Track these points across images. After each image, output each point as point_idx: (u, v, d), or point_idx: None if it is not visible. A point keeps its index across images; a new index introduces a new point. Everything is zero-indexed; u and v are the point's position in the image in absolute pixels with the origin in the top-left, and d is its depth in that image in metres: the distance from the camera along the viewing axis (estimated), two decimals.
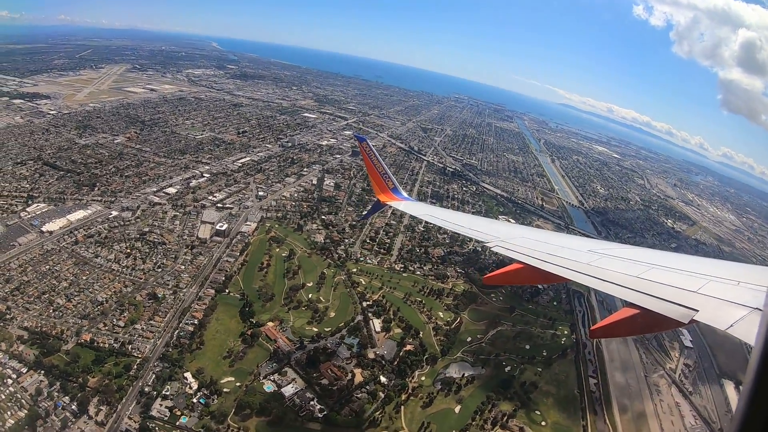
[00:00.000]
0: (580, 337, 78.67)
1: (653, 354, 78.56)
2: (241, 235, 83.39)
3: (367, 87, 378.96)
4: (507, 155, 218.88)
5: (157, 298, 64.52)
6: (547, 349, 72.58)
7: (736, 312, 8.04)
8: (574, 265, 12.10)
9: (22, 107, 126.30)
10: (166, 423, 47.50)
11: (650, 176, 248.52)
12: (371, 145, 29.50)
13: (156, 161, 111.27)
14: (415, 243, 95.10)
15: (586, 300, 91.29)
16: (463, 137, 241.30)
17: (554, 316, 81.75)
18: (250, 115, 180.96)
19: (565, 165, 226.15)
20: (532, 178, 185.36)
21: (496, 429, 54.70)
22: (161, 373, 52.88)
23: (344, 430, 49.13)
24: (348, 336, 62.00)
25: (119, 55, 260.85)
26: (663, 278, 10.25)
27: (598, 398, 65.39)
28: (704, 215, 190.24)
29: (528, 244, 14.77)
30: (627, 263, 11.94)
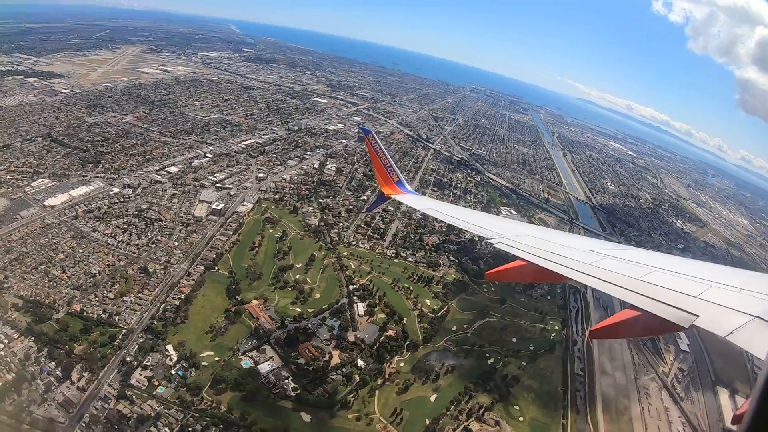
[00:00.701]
0: (571, 333, 76.72)
1: (646, 356, 76.15)
2: (237, 215, 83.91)
3: (383, 74, 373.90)
4: (518, 147, 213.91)
5: (148, 272, 65.67)
6: (534, 343, 71.00)
7: (736, 319, 8.00)
8: (576, 264, 12.20)
9: (36, 86, 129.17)
10: (144, 392, 48.56)
11: (664, 175, 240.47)
12: (377, 138, 29.41)
13: (161, 141, 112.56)
14: (410, 230, 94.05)
15: (582, 296, 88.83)
16: (474, 127, 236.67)
17: (546, 310, 79.79)
18: (260, 98, 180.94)
19: (576, 160, 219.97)
20: (541, 171, 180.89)
21: (471, 421, 53.56)
22: (144, 345, 53.99)
23: (315, 411, 49.20)
24: (330, 318, 61.98)
25: (136, 36, 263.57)
26: (664, 281, 10.17)
27: (583, 397, 63.55)
28: (716, 218, 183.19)
29: (531, 241, 14.77)
30: (629, 265, 11.90)
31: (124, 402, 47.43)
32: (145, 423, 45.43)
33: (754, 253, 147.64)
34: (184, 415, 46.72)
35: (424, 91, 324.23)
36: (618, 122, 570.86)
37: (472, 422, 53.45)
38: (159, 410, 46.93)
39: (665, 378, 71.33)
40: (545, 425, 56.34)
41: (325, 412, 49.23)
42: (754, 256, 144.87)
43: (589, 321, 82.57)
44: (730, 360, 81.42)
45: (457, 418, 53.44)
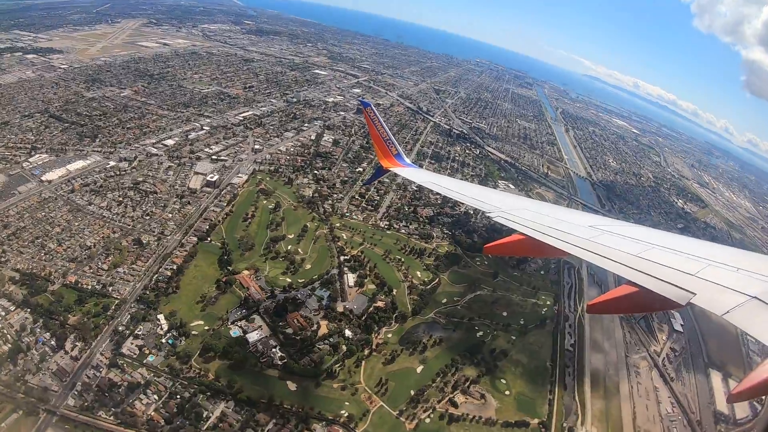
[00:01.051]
0: (563, 309, 74.85)
1: (638, 334, 74.20)
2: (231, 187, 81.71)
3: (386, 47, 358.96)
4: (519, 121, 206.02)
5: (142, 244, 64.45)
6: (525, 317, 69.34)
7: (733, 298, 7.83)
8: (574, 239, 11.95)
9: (35, 62, 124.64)
10: (134, 361, 48.20)
11: (668, 154, 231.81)
12: (375, 111, 28.23)
13: (159, 114, 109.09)
14: (405, 202, 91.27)
15: (576, 272, 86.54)
16: (476, 101, 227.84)
17: (539, 285, 77.86)
18: (260, 71, 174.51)
19: (579, 135, 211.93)
20: (542, 146, 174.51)
21: (456, 393, 52.58)
22: (136, 314, 53.33)
23: (301, 379, 48.56)
24: (320, 288, 60.63)
25: (137, 10, 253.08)
26: (662, 259, 9.99)
27: (572, 373, 62.18)
28: (718, 199, 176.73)
29: (529, 216, 14.51)
30: (627, 241, 11.67)
31: (115, 370, 47.12)
32: (135, 390, 45.17)
33: (755, 236, 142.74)
34: (173, 383, 46.39)
35: (427, 64, 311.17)
36: (624, 100, 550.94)
37: (458, 394, 52.54)
38: (149, 378, 46.63)
39: (656, 357, 69.83)
40: (531, 400, 55.10)
41: (310, 381, 48.57)
42: (755, 239, 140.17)
43: (582, 297, 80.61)
44: (725, 343, 79.89)
45: (442, 390, 52.50)
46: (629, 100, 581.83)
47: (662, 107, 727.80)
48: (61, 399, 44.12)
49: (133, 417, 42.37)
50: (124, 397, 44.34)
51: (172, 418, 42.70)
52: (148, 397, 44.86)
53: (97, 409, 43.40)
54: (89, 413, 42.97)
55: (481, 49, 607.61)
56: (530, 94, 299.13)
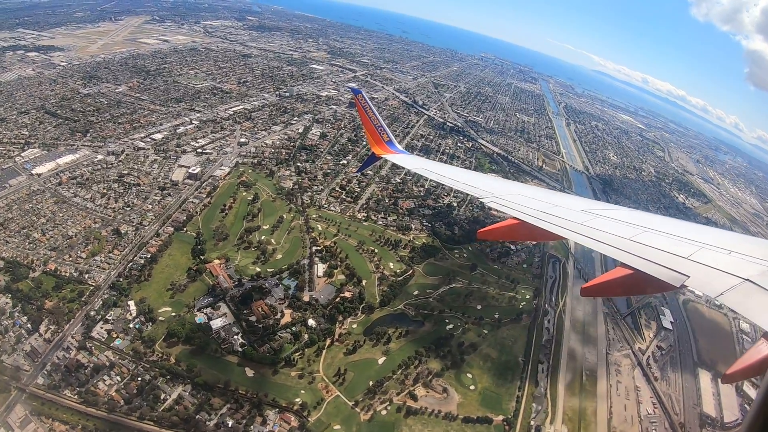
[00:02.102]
0: (543, 303, 73.83)
1: (623, 331, 72.64)
2: (213, 179, 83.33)
3: (389, 41, 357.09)
4: (519, 115, 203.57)
5: (120, 233, 66.46)
6: (500, 311, 68.56)
7: (727, 281, 7.90)
8: (567, 224, 11.99)
9: (36, 60, 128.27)
10: (102, 344, 50.19)
11: (673, 149, 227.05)
12: (367, 98, 28.41)
13: (151, 109, 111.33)
14: (386, 194, 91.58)
15: (562, 267, 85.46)
16: (476, 95, 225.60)
17: (520, 279, 77.06)
18: (256, 66, 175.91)
19: (580, 130, 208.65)
20: (539, 140, 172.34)
21: (417, 386, 52.32)
22: (108, 300, 55.35)
23: (259, 366, 49.80)
24: (288, 278, 61.66)
25: (141, 7, 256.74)
26: (655, 242, 10.07)
27: (545, 369, 60.93)
28: (722, 195, 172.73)
29: (523, 201, 14.51)
30: (620, 225, 11.69)
31: (83, 352, 49.20)
32: (100, 372, 47.12)
33: (759, 232, 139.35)
34: (136, 366, 48.21)
35: (429, 58, 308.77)
36: (632, 95, 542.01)
37: (419, 387, 52.23)
38: (114, 360, 48.56)
39: (640, 355, 67.89)
40: (497, 396, 54.32)
41: (268, 368, 49.74)
42: (758, 235, 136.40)
43: (565, 292, 79.47)
44: (718, 340, 78.87)
45: (403, 383, 52.36)
46: (638, 96, 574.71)
47: (671, 103, 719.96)
48: (32, 378, 46.38)
49: (95, 396, 44.27)
50: (89, 378, 46.34)
51: (131, 399, 44.49)
52: (111, 379, 46.77)
53: (63, 388, 45.52)
54: (55, 392, 45.13)
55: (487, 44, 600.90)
56: (534, 88, 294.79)
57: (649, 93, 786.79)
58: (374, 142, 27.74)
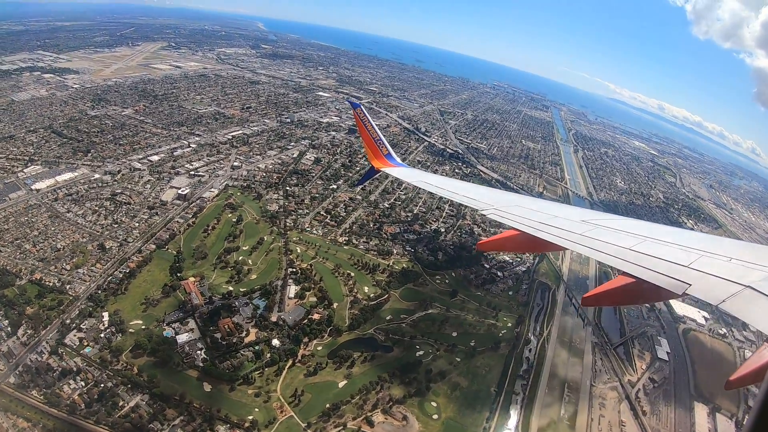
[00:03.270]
0: (526, 332, 74.34)
1: (611, 361, 71.87)
2: (201, 200, 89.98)
3: (401, 70, 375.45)
4: (524, 142, 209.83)
5: (105, 248, 72.67)
6: (477, 339, 69.31)
7: (728, 288, 8.19)
8: (568, 234, 12.44)
9: (50, 81, 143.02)
10: (73, 350, 54.96)
11: (685, 175, 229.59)
12: (365, 111, 30.18)
13: (153, 132, 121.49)
14: (372, 219, 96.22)
15: (551, 294, 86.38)
16: (482, 122, 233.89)
17: (503, 306, 78.23)
18: (263, 92, 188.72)
19: (588, 156, 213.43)
20: (543, 167, 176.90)
21: (376, 412, 53.27)
22: (84, 310, 60.60)
23: (217, 382, 53.18)
24: (258, 298, 65.80)
25: (159, 33, 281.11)
26: (656, 251, 10.49)
27: (520, 401, 60.50)
28: (734, 220, 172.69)
29: (522, 212, 15.10)
30: (620, 234, 12.16)
31: (55, 357, 53.99)
32: (67, 376, 51.64)
33: None
34: (101, 373, 52.49)
35: (439, 87, 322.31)
36: (647, 122, 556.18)
37: (377, 413, 53.02)
38: (81, 366, 53.09)
39: (629, 388, 66.50)
40: (461, 427, 54.24)
41: (226, 384, 52.99)
42: None
43: (552, 320, 79.92)
44: (719, 372, 77.05)
45: (361, 407, 53.35)
46: (653, 123, 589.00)
47: (687, 129, 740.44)
48: (4, 377, 51.15)
49: (58, 398, 48.68)
50: (55, 381, 50.89)
51: (91, 403, 48.62)
52: (76, 383, 51.17)
53: (30, 388, 50.05)
54: (23, 391, 49.72)
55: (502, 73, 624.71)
56: (544, 116, 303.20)
57: (665, 120, 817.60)
58: (373, 156, 29.38)
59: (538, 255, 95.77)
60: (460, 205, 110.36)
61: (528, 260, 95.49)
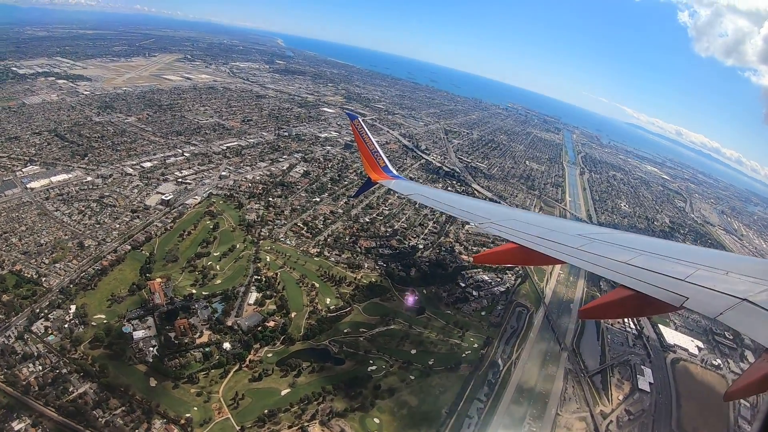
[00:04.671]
0: (493, 354, 74.78)
1: (584, 389, 71.05)
2: (183, 207, 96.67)
3: (413, 89, 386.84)
4: (528, 163, 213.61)
5: (83, 246, 79.36)
6: (437, 358, 70.22)
7: (725, 301, 8.48)
8: (564, 248, 12.99)
9: (63, 87, 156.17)
10: (38, 337, 60.69)
11: (696, 200, 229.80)
12: (363, 124, 32.28)
13: (151, 140, 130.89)
14: (349, 232, 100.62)
15: (529, 317, 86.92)
16: (488, 142, 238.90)
17: (473, 326, 79.47)
18: (267, 106, 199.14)
19: (595, 179, 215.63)
20: (544, 187, 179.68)
21: (313, 423, 55.04)
22: (54, 302, 66.66)
23: (163, 378, 57.51)
24: (218, 301, 70.58)
25: (177, 45, 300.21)
26: (653, 265, 10.90)
27: (473, 425, 60.57)
28: (744, 246, 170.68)
29: (519, 225, 15.72)
30: (616, 248, 12.62)
31: (20, 341, 59.72)
32: (28, 360, 57.19)
33: None
34: (58, 360, 57.86)
35: (450, 106, 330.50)
36: (664, 147, 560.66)
37: (315, 424, 54.66)
38: (42, 352, 58.61)
39: (600, 419, 65.24)
40: None
41: (171, 381, 57.19)
42: None
43: (524, 343, 79.88)
44: (708, 406, 76.53)
45: (299, 417, 55.30)
46: (670, 148, 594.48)
47: (705, 155, 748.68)
48: None
49: (15, 378, 54.16)
50: (17, 363, 56.37)
51: (44, 386, 53.88)
52: (35, 367, 56.58)
53: None
54: None
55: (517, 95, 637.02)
56: (554, 138, 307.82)
57: (683, 145, 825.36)
58: (370, 168, 30.62)
59: (520, 276, 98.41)
60: (445, 222, 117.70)
61: (509, 280, 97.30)
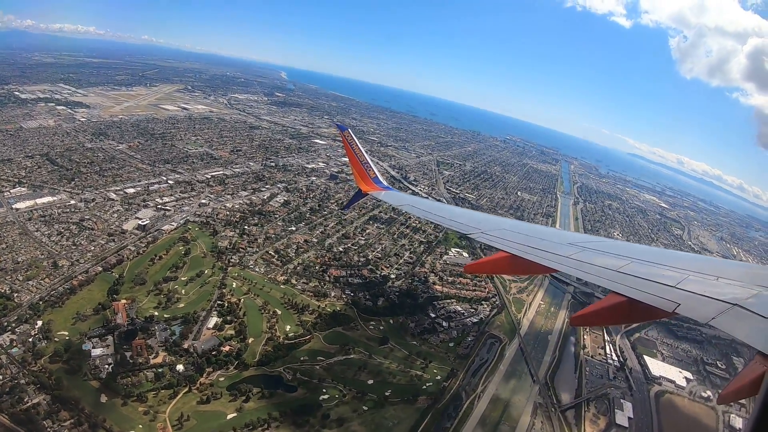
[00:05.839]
0: (456, 386, 75.85)
1: (554, 425, 71.71)
2: (159, 232, 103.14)
3: (410, 122, 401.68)
4: (521, 194, 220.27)
5: (57, 266, 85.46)
6: (395, 389, 71.56)
7: (716, 306, 8.78)
8: (555, 257, 13.49)
9: (61, 113, 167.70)
10: (3, 349, 65.62)
11: (695, 228, 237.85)
12: (353, 135, 33.78)
13: (138, 167, 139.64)
14: (321, 261, 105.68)
15: (501, 349, 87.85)
16: (480, 174, 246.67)
17: (437, 357, 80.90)
18: (259, 137, 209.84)
19: (589, 209, 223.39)
20: (533, 218, 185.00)
21: None
22: (21, 316, 72.03)
23: (113, 394, 61.53)
24: (177, 324, 75.41)
25: (180, 76, 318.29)
26: (644, 272, 11.25)
27: None
28: None
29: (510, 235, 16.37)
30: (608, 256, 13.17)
31: None
32: None
33: None
34: (19, 371, 62.63)
35: (446, 139, 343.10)
36: (665, 176, 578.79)
37: None
38: (4, 363, 63.54)
39: None
40: None
41: (121, 398, 61.14)
42: None
43: (492, 376, 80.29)
44: None
45: None
46: (671, 177, 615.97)
47: (708, 183, 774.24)
48: None
49: None
50: None
51: (1, 394, 58.30)
52: None
53: None
54: None
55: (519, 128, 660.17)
56: (551, 169, 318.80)
57: (685, 174, 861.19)
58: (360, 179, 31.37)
59: (496, 306, 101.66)
60: (422, 252, 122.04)
61: (483, 311, 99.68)
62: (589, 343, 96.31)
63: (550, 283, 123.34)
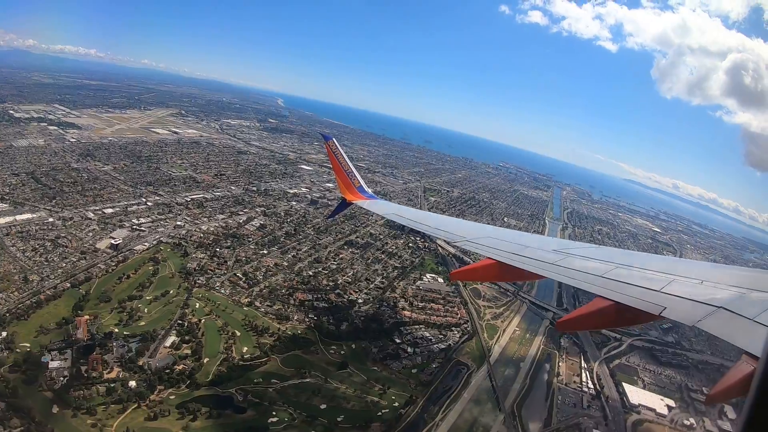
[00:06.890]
0: (414, 413, 76.37)
1: None
2: (131, 251, 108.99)
3: (402, 149, 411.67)
4: (507, 220, 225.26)
5: (27, 280, 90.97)
6: (348, 414, 73.09)
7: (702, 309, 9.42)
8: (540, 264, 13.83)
9: (52, 133, 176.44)
10: None
11: (688, 251, 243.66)
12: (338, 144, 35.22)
13: (120, 188, 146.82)
14: (289, 285, 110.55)
15: (467, 376, 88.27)
16: (468, 200, 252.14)
17: (397, 383, 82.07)
18: (245, 162, 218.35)
19: (578, 234, 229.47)
20: None
21: None
22: None
23: (65, 406, 65.38)
24: (135, 341, 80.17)
25: (175, 101, 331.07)
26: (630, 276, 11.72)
27: None
28: None
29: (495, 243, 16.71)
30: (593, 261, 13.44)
31: None
32: None
33: None
34: None
35: (436, 165, 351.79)
36: (660, 201, 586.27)
37: None
38: None
39: None
40: None
41: (71, 410, 64.95)
42: None
43: (455, 404, 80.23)
44: None
45: None
46: (666, 202, 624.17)
47: (704, 207, 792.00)
48: None
49: None
50: None
51: None
52: None
53: None
54: None
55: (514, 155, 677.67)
56: (542, 195, 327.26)
57: (680, 198, 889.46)
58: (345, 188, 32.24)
59: (467, 332, 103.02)
60: (395, 278, 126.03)
61: (453, 337, 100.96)
62: (564, 371, 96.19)
63: (528, 309, 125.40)
